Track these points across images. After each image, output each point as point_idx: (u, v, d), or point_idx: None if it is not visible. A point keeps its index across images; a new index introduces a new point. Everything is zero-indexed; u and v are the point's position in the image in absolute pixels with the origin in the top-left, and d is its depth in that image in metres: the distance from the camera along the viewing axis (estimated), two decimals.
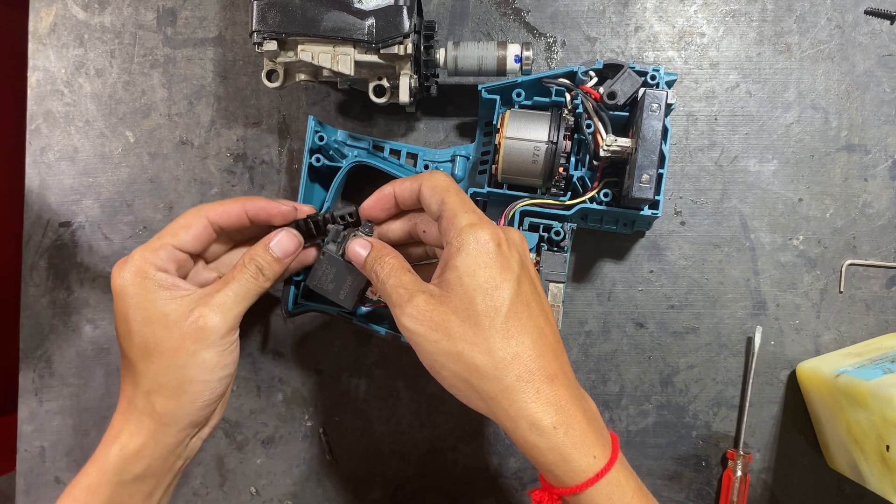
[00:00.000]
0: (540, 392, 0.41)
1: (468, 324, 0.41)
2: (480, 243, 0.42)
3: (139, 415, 0.47)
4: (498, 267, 0.42)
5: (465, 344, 0.41)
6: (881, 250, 0.61)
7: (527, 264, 0.44)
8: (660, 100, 0.49)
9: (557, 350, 0.43)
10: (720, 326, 0.61)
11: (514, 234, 0.45)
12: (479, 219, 0.44)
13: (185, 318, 0.46)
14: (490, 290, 0.42)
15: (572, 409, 0.41)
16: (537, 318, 0.43)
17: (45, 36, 0.64)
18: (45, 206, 0.64)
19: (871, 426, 0.50)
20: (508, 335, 0.41)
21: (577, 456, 0.41)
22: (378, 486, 0.62)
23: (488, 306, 0.41)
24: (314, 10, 0.51)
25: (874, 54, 0.61)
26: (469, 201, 0.46)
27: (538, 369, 0.41)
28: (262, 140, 0.63)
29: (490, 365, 0.41)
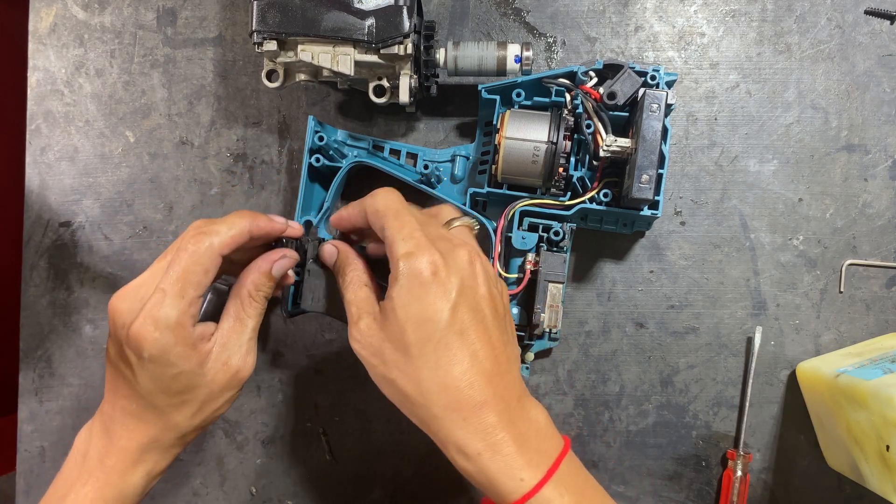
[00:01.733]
0: (467, 420, 0.42)
1: (400, 353, 0.43)
2: (413, 274, 0.42)
3: (162, 451, 0.49)
4: (429, 298, 0.42)
5: (397, 372, 0.43)
6: (881, 250, 0.61)
7: (471, 287, 0.43)
8: (660, 100, 0.49)
9: (493, 374, 0.43)
10: (720, 326, 0.61)
11: (459, 257, 0.44)
12: (416, 245, 0.43)
13: (222, 374, 0.48)
14: (420, 322, 0.42)
15: (501, 434, 0.42)
16: (474, 344, 0.43)
17: (45, 36, 0.64)
18: (45, 206, 0.64)
19: (871, 426, 0.50)
20: (437, 366, 0.42)
21: (503, 480, 0.42)
22: (378, 486, 0.62)
23: (418, 338, 0.42)
24: (314, 10, 0.51)
25: (874, 54, 0.61)
26: (408, 223, 0.44)
27: (466, 399, 0.42)
28: (262, 140, 0.63)
29: (418, 394, 0.43)
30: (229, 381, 0.48)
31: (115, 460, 0.47)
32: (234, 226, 0.47)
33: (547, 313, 0.54)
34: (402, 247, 0.43)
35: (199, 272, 0.45)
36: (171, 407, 0.47)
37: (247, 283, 0.48)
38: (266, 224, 0.49)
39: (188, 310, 0.45)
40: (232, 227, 0.47)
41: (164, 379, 0.45)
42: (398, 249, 0.43)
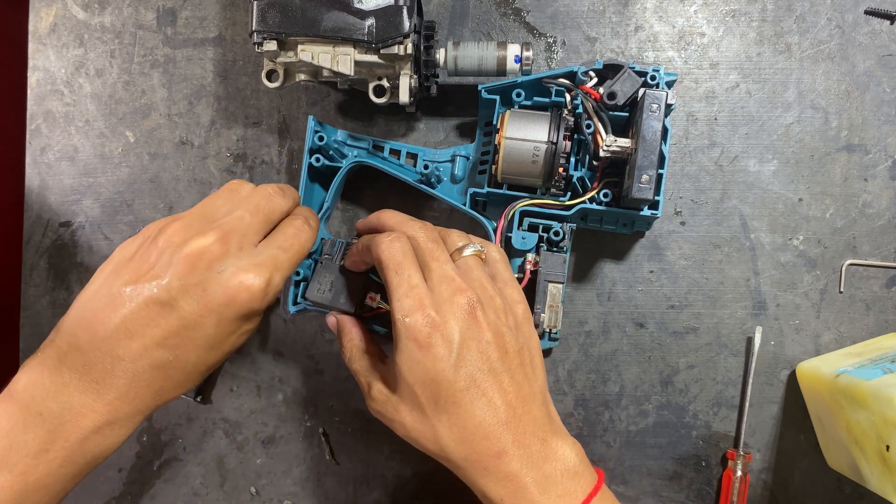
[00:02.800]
0: (488, 469, 0.43)
1: (416, 413, 0.44)
2: (411, 338, 0.43)
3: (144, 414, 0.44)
4: (430, 359, 0.42)
5: (416, 432, 0.45)
6: (881, 250, 0.61)
7: (472, 338, 0.43)
8: (660, 100, 0.49)
9: (510, 421, 0.43)
10: (720, 326, 0.61)
11: (458, 307, 0.43)
12: (412, 304, 0.43)
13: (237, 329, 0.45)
14: (426, 382, 0.43)
15: (523, 481, 0.42)
16: (487, 393, 0.43)
17: (45, 36, 0.64)
18: (45, 206, 0.64)
19: (871, 426, 0.50)
20: (451, 422, 0.43)
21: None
22: (378, 486, 0.62)
23: (428, 398, 0.43)
24: (314, 10, 0.51)
25: (874, 54, 0.61)
26: (406, 279, 0.44)
27: (483, 450, 0.43)
28: (262, 140, 0.63)
29: (438, 449, 0.44)
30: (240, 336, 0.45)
31: (100, 423, 0.41)
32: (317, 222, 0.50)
33: (547, 313, 0.54)
34: (399, 308, 0.43)
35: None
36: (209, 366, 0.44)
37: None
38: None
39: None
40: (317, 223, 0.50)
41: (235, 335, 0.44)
42: (396, 310, 0.44)
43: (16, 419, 0.40)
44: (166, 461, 0.63)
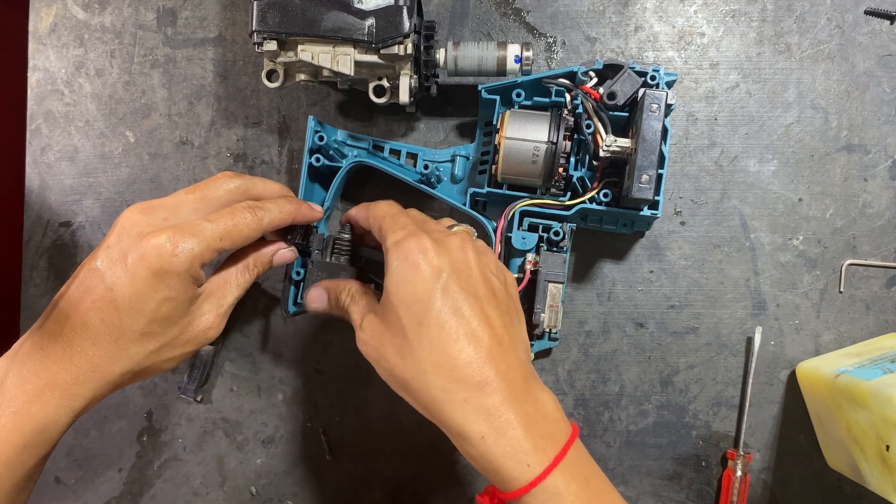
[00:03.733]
0: (467, 401, 0.41)
1: (399, 338, 0.43)
2: (402, 258, 0.43)
3: (102, 384, 0.45)
4: (419, 279, 0.42)
5: (397, 359, 0.43)
6: (881, 250, 0.61)
7: (464, 268, 0.44)
8: (659, 100, 0.49)
9: (494, 353, 0.42)
10: (720, 326, 0.61)
11: (451, 242, 0.44)
12: (406, 234, 0.44)
13: (196, 324, 0.48)
14: (411, 303, 0.42)
15: (505, 416, 0.41)
16: (470, 322, 0.42)
17: (45, 36, 0.64)
18: (45, 206, 0.64)
19: (871, 426, 0.50)
20: (432, 346, 0.42)
21: (508, 465, 0.40)
22: (378, 486, 0.62)
23: (411, 319, 0.42)
24: (314, 10, 0.51)
25: (874, 54, 0.61)
26: (402, 219, 0.46)
27: (465, 378, 0.41)
28: (262, 140, 0.63)
29: (415, 378, 0.42)
30: (198, 335, 0.48)
31: (41, 386, 0.43)
32: (283, 210, 0.50)
33: (547, 313, 0.54)
34: (392, 237, 0.44)
35: (240, 237, 0.47)
36: (137, 334, 0.44)
37: (249, 255, 0.51)
38: (309, 213, 0.53)
39: (211, 255, 0.46)
40: (282, 212, 0.50)
41: (153, 299, 0.44)
42: (389, 239, 0.44)
43: None
44: (166, 461, 0.63)
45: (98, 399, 0.46)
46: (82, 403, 0.45)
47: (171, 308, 0.45)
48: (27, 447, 0.43)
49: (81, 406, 0.45)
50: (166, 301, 0.44)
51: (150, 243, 0.43)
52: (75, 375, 0.44)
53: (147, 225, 0.45)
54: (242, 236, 0.47)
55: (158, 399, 0.63)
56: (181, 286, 0.45)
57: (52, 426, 0.44)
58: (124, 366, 0.45)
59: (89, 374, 0.44)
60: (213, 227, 0.46)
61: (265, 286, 0.63)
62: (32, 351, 0.44)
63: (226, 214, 0.47)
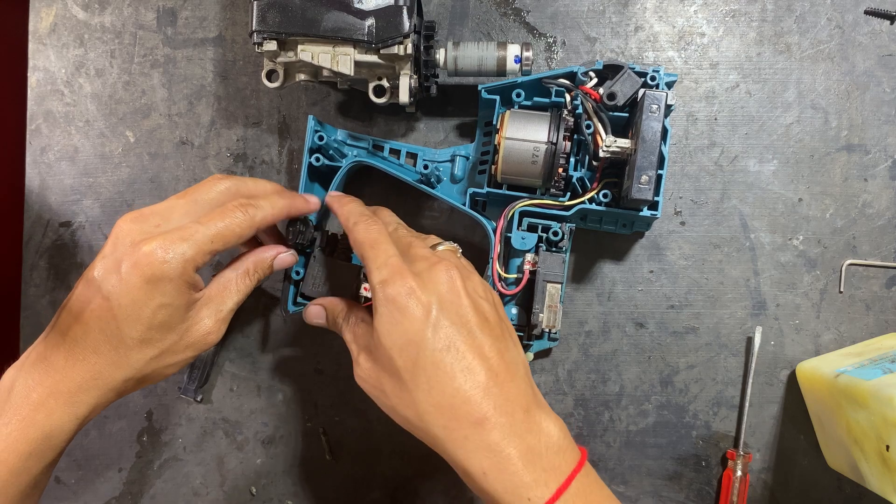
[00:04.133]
0: (468, 438, 0.41)
1: (395, 380, 0.43)
2: (389, 301, 0.43)
3: (105, 392, 0.45)
4: (408, 321, 0.42)
5: (396, 399, 0.43)
6: (881, 250, 0.61)
7: (453, 302, 0.43)
8: (659, 101, 0.49)
9: (489, 386, 0.42)
10: (720, 326, 0.61)
11: (437, 274, 0.44)
12: (390, 272, 0.43)
13: (195, 329, 0.47)
14: (403, 346, 0.42)
15: (506, 451, 0.41)
16: (465, 358, 0.42)
17: (45, 36, 0.64)
18: (45, 206, 0.64)
19: (871, 426, 0.50)
20: (429, 386, 0.42)
21: (509, 500, 0.40)
22: (378, 486, 0.62)
23: (405, 362, 0.42)
24: (314, 10, 0.51)
25: (874, 54, 0.61)
26: (383, 252, 0.45)
27: (464, 415, 0.41)
28: (262, 140, 0.63)
29: (416, 418, 0.42)
30: (197, 340, 0.47)
31: (45, 394, 0.44)
32: (276, 206, 0.49)
33: (545, 314, 0.54)
34: (377, 275, 0.44)
35: (233, 236, 0.47)
36: (136, 341, 0.45)
37: (249, 260, 0.50)
38: (303, 205, 0.52)
39: (204, 258, 0.45)
40: (274, 207, 0.49)
41: (149, 307, 0.44)
42: (374, 278, 0.44)
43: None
44: (166, 461, 0.63)
45: (102, 406, 0.46)
46: (86, 410, 0.45)
47: (168, 314, 0.45)
48: (32, 455, 0.44)
49: (85, 413, 0.45)
50: (162, 307, 0.44)
51: (142, 251, 0.43)
52: (78, 383, 0.44)
53: (140, 233, 0.44)
54: (235, 236, 0.47)
55: (158, 399, 0.63)
56: (176, 291, 0.44)
57: (57, 433, 0.44)
58: (125, 373, 0.45)
59: (92, 381, 0.44)
60: (205, 230, 0.45)
61: (265, 286, 0.63)
62: (37, 361, 0.45)
63: (216, 215, 0.46)
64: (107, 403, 0.46)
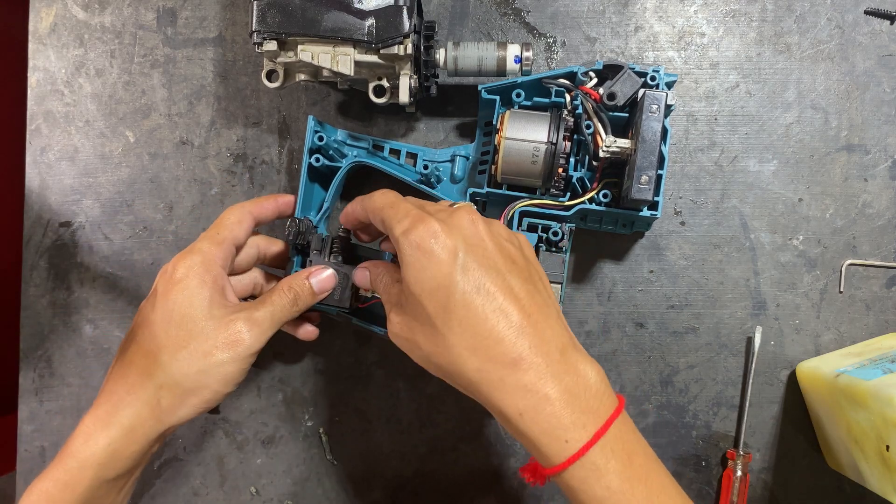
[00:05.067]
0: (503, 380, 0.40)
1: (427, 328, 0.42)
2: (414, 247, 0.42)
3: (139, 406, 0.46)
4: (435, 265, 0.41)
5: (429, 348, 0.42)
6: (881, 250, 0.61)
7: (478, 245, 0.42)
8: (659, 101, 0.49)
9: (525, 327, 0.41)
10: (720, 326, 0.61)
11: (459, 218, 0.43)
12: (412, 221, 0.43)
13: (224, 327, 0.47)
14: (432, 290, 0.41)
15: (543, 392, 0.40)
16: (495, 299, 0.41)
17: (45, 36, 0.64)
18: (45, 206, 0.64)
19: (871, 426, 0.50)
20: (462, 329, 0.41)
21: (546, 442, 0.40)
22: (378, 486, 0.62)
23: (436, 307, 0.41)
24: (314, 10, 0.51)
25: (874, 54, 0.61)
26: (403, 207, 0.45)
27: (498, 356, 0.40)
28: (262, 140, 0.63)
29: (450, 364, 0.41)
30: (227, 340, 0.47)
31: (87, 420, 0.47)
32: (262, 198, 0.55)
33: None
34: (399, 227, 0.43)
35: (233, 221, 0.51)
36: (172, 347, 0.46)
37: (285, 281, 0.52)
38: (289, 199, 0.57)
39: (218, 250, 0.50)
40: (260, 200, 0.55)
41: (179, 306, 0.47)
42: (396, 230, 0.43)
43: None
44: (166, 461, 0.63)
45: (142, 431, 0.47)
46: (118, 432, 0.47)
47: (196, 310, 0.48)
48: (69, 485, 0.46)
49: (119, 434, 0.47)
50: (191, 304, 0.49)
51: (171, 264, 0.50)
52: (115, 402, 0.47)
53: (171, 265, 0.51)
54: (234, 220, 0.52)
55: None
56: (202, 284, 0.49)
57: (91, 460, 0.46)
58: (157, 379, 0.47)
59: (126, 396, 0.47)
60: (207, 232, 0.52)
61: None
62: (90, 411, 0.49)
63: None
64: (145, 426, 0.47)
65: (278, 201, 0.56)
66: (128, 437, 0.46)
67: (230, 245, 0.51)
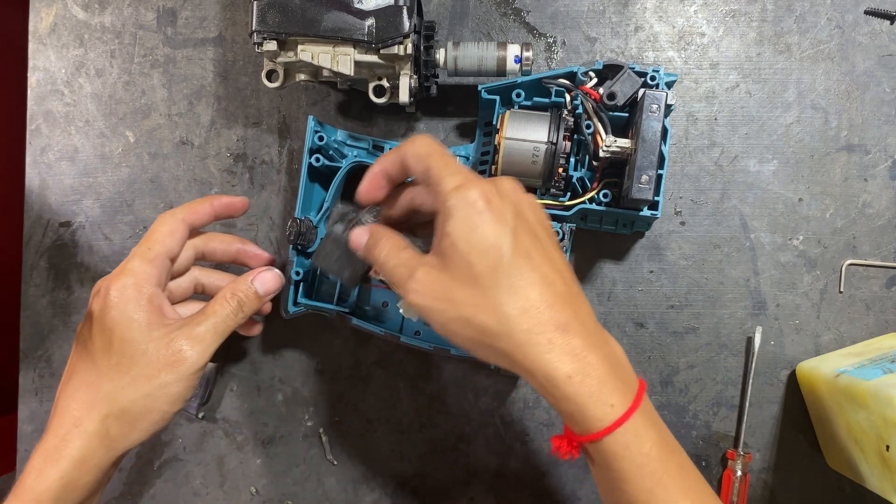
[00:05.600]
0: (553, 342, 0.40)
1: (470, 287, 0.41)
2: (468, 204, 0.41)
3: (87, 438, 0.46)
4: (490, 224, 0.41)
5: (471, 308, 0.41)
6: (881, 250, 0.61)
7: (524, 213, 0.43)
8: (659, 101, 0.49)
9: (568, 297, 0.42)
10: (720, 326, 0.61)
11: (506, 184, 0.43)
12: (465, 178, 0.42)
13: (165, 347, 0.46)
14: (485, 249, 0.41)
15: (589, 357, 0.41)
16: (542, 267, 0.41)
17: (45, 36, 0.64)
18: (46, 206, 0.64)
19: (871, 426, 0.50)
20: (512, 290, 0.41)
21: (593, 405, 0.40)
22: (378, 486, 0.62)
23: (486, 266, 0.41)
24: (314, 10, 0.51)
25: (874, 54, 0.61)
26: (453, 162, 0.44)
27: (548, 320, 0.41)
28: (262, 140, 0.63)
29: (498, 323, 0.41)
30: (169, 360, 0.46)
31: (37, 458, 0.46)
32: (196, 201, 0.52)
33: None
34: (451, 181, 0.42)
35: (164, 232, 0.49)
36: (114, 374, 0.46)
37: (227, 288, 0.50)
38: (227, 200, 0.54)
39: (150, 267, 0.48)
40: (193, 203, 0.52)
41: (116, 331, 0.46)
42: (447, 184, 0.42)
43: None
44: (166, 461, 0.63)
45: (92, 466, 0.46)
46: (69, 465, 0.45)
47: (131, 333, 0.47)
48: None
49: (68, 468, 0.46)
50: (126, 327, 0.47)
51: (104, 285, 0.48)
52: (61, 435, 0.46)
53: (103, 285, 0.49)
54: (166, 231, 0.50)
55: None
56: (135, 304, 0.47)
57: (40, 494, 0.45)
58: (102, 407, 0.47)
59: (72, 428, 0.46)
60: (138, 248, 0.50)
61: None
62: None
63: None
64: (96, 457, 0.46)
65: (213, 204, 0.53)
66: (79, 468, 0.45)
67: (163, 259, 0.49)
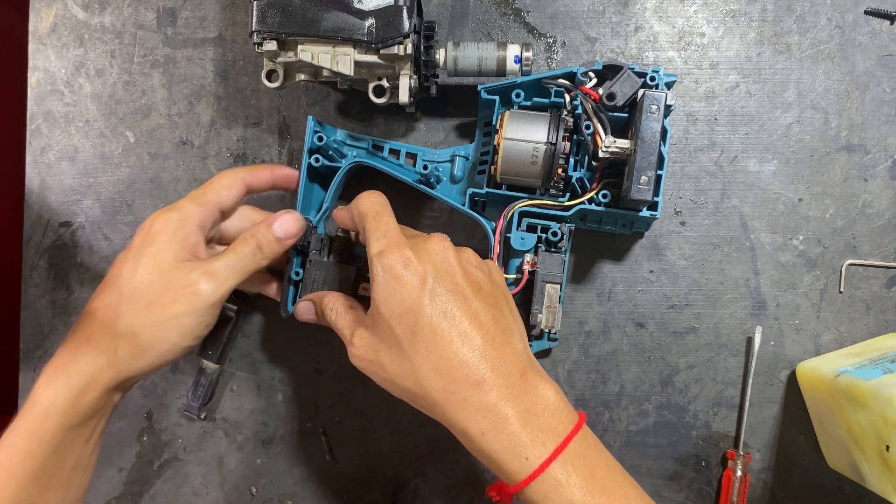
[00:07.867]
0: (467, 400, 0.42)
1: (394, 350, 0.44)
2: (387, 270, 0.44)
3: (97, 354, 0.47)
4: (406, 289, 0.43)
5: (394, 370, 0.44)
6: (881, 250, 0.61)
7: (448, 272, 0.44)
8: (659, 101, 0.49)
9: (486, 350, 0.43)
10: (720, 326, 0.61)
11: (431, 247, 0.45)
12: (388, 244, 0.45)
13: (183, 278, 0.48)
14: (402, 313, 0.43)
15: (503, 412, 0.42)
16: (460, 324, 0.43)
17: (45, 36, 0.64)
18: (45, 206, 0.64)
19: (871, 426, 0.50)
20: (428, 351, 0.43)
21: (508, 459, 0.42)
22: (378, 486, 0.62)
23: (404, 329, 0.43)
24: (314, 10, 0.51)
25: (874, 54, 0.61)
26: (383, 223, 0.46)
27: (461, 378, 0.42)
28: (262, 140, 0.63)
29: (416, 385, 0.43)
30: (184, 292, 0.48)
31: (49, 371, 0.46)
32: (258, 167, 0.55)
33: (544, 314, 0.54)
34: (376, 246, 0.45)
35: (223, 185, 0.52)
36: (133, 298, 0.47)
37: (249, 230, 0.52)
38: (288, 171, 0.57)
39: (198, 209, 0.50)
40: (256, 168, 0.55)
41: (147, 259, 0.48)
42: (372, 249, 0.45)
43: None
44: (166, 461, 0.63)
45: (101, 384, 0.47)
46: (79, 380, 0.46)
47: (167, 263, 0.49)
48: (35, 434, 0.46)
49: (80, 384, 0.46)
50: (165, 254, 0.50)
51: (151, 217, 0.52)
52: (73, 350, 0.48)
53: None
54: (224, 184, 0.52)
55: (158, 399, 0.63)
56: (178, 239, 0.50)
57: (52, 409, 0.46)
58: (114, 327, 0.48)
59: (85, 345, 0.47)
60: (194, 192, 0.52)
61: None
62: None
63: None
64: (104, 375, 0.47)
65: (274, 172, 0.56)
66: (86, 384, 0.46)
67: (213, 208, 0.51)
